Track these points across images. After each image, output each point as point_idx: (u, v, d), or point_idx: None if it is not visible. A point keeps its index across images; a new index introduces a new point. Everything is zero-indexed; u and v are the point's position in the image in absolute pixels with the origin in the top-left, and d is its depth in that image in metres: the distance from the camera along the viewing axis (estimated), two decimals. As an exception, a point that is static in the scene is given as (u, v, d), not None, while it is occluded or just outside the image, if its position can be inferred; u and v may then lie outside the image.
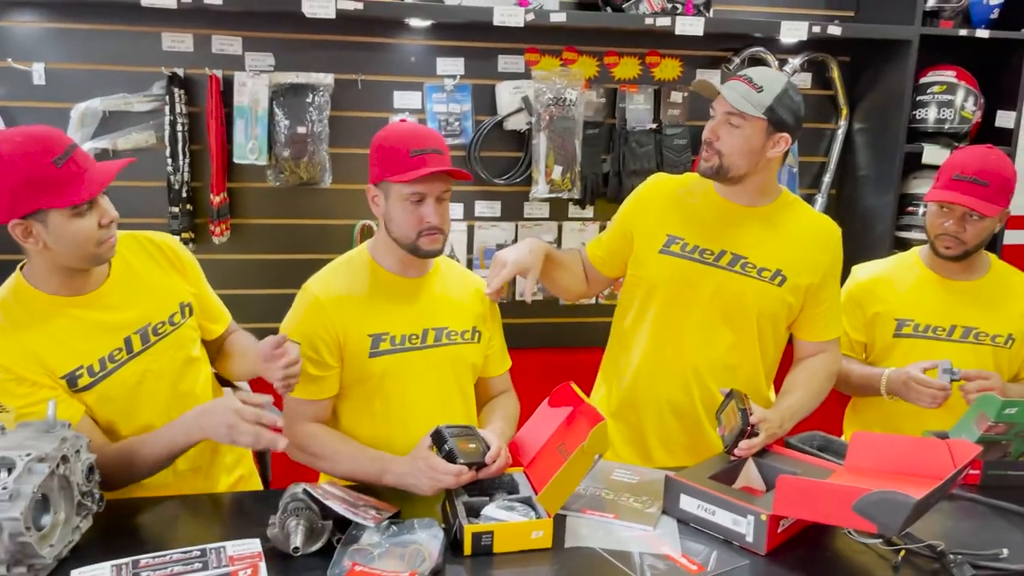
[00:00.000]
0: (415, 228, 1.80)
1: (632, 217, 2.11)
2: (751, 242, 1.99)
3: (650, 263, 2.06)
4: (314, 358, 1.82)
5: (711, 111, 1.95)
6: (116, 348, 1.73)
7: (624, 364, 2.16)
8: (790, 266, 1.99)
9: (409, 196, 1.78)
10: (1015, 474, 2.03)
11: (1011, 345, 2.23)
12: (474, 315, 1.98)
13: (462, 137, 2.81)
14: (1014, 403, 1.90)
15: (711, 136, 1.94)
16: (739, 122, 1.88)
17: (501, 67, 2.82)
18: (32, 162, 1.55)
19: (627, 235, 2.11)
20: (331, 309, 1.81)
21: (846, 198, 3.11)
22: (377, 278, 1.87)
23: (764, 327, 2.04)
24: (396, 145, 1.77)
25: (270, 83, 2.63)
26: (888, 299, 2.27)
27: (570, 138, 2.78)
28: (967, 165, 2.12)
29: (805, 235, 2.03)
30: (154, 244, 1.86)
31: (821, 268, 2.02)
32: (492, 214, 2.91)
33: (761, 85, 1.89)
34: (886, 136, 2.90)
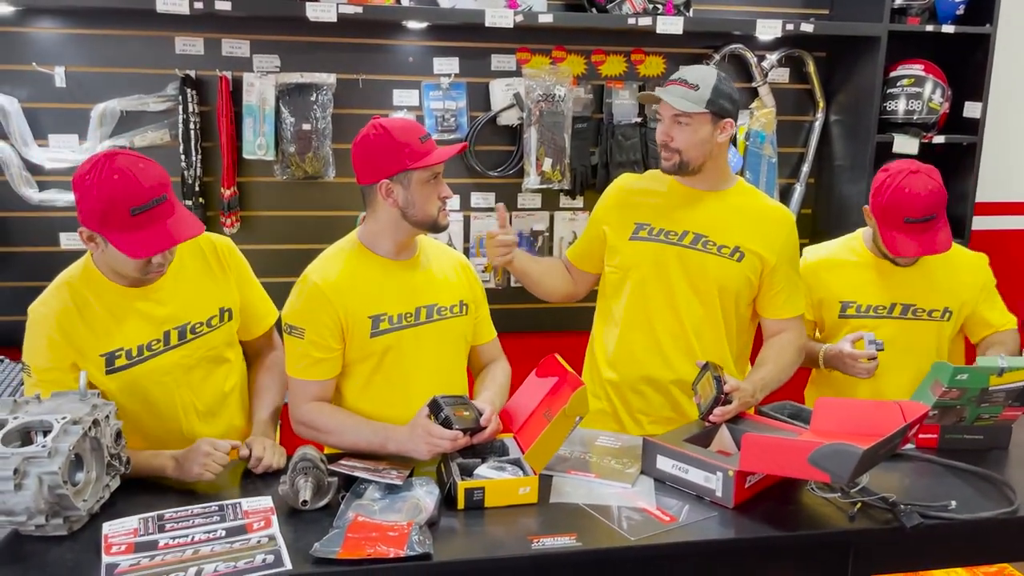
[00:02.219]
0: (436, 205, 1.96)
1: (603, 215, 2.29)
2: (710, 222, 2.17)
3: (623, 251, 2.24)
4: (318, 342, 1.94)
5: (657, 117, 2.15)
6: (155, 339, 1.89)
7: (605, 343, 2.32)
8: (747, 244, 2.16)
9: (429, 178, 1.94)
10: (970, 438, 2.16)
11: (949, 318, 2.37)
12: (460, 289, 2.13)
13: (458, 132, 2.97)
14: (965, 370, 2.04)
15: (665, 138, 2.13)
16: (687, 120, 2.07)
17: (494, 66, 2.98)
18: (112, 199, 1.72)
19: (600, 233, 2.29)
20: (332, 294, 1.93)
21: (823, 186, 3.26)
22: (371, 263, 1.99)
23: (727, 302, 2.20)
24: (405, 138, 1.91)
25: (276, 83, 2.79)
26: (831, 283, 2.40)
27: (560, 132, 2.93)
28: (914, 206, 2.20)
29: (760, 217, 2.20)
30: (211, 245, 2.01)
31: (776, 247, 2.18)
32: (487, 205, 3.06)
33: (696, 83, 2.08)
34: (859, 127, 3.05)
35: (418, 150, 1.91)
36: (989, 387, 2.07)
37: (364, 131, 1.96)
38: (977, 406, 2.12)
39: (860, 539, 1.73)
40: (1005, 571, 2.11)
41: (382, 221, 1.98)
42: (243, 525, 1.62)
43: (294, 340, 1.96)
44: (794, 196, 3.24)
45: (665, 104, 2.11)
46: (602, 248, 2.30)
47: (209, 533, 1.59)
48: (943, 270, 2.34)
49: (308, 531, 1.62)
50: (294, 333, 1.95)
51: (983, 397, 2.10)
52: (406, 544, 1.54)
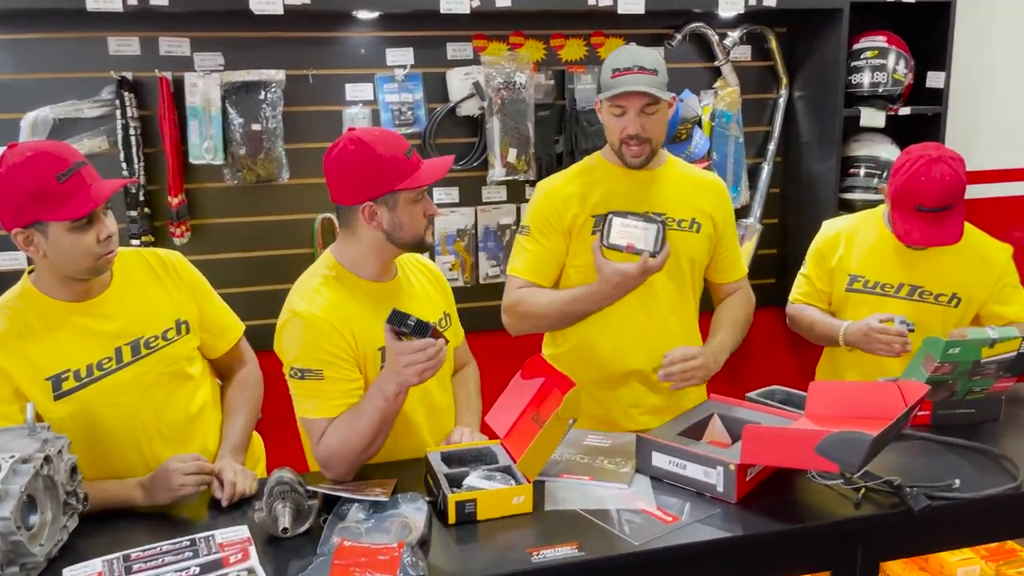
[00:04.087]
0: (423, 224, 1.83)
1: (552, 218, 2.17)
2: (664, 200, 2.16)
3: (585, 249, 2.15)
4: (340, 377, 1.78)
5: (612, 109, 2.06)
6: (106, 357, 1.74)
7: (580, 341, 2.23)
8: (698, 213, 2.18)
9: (417, 197, 1.81)
10: (962, 412, 2.14)
11: (957, 304, 2.33)
12: (440, 300, 2.03)
13: (416, 126, 2.85)
14: (956, 343, 2.00)
15: (638, 131, 2.05)
16: (655, 108, 2.04)
17: (450, 54, 2.86)
18: (37, 176, 1.60)
19: (554, 244, 2.17)
20: (338, 324, 1.78)
21: (791, 164, 3.22)
22: (360, 289, 1.86)
23: (696, 275, 2.22)
24: (390, 153, 1.75)
25: (221, 82, 2.63)
26: (844, 255, 2.39)
27: (523, 121, 2.83)
28: (928, 195, 2.16)
29: (701, 186, 2.23)
30: (159, 259, 1.88)
31: (720, 212, 2.22)
32: (451, 200, 2.95)
33: (653, 67, 2.04)
34: (825, 102, 3.01)
35: (404, 168, 1.77)
36: (981, 359, 2.05)
37: (341, 146, 1.78)
38: (969, 379, 2.10)
39: (868, 526, 1.68)
40: (1005, 546, 2.08)
41: (364, 244, 1.84)
42: (219, 559, 1.49)
43: (311, 384, 1.78)
44: (762, 175, 3.19)
45: (633, 97, 2.03)
46: (562, 257, 2.20)
47: (182, 571, 1.46)
48: (959, 256, 2.30)
49: (290, 561, 1.51)
50: (309, 376, 1.77)
51: (975, 370, 2.07)
52: (398, 568, 1.43)
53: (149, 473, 1.73)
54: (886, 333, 2.22)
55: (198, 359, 1.92)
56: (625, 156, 2.11)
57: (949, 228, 2.21)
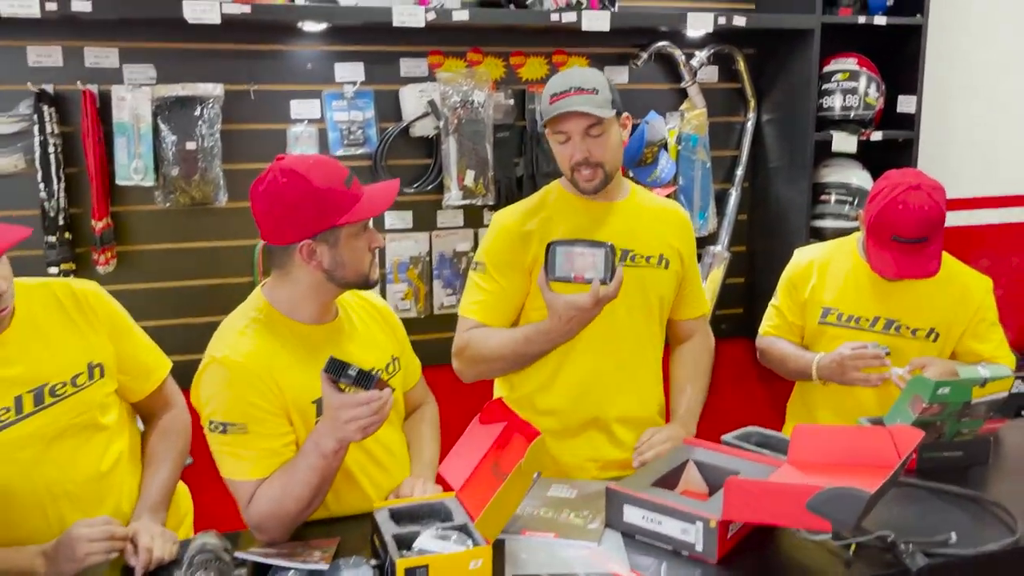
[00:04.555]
0: (367, 259, 1.66)
1: (508, 254, 1.98)
2: (633, 235, 2.00)
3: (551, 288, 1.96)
4: (266, 432, 1.58)
5: (556, 136, 1.91)
6: (3, 407, 1.53)
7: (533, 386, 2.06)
8: (665, 248, 2.04)
9: (359, 230, 1.63)
10: (950, 455, 2.02)
11: (935, 339, 2.22)
12: (388, 341, 1.85)
13: (366, 146, 2.67)
14: (946, 383, 1.88)
15: (585, 155, 1.89)
16: (599, 130, 1.88)
17: (404, 71, 2.69)
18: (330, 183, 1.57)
19: (513, 280, 1.99)
20: (263, 373, 1.58)
21: (760, 190, 3.11)
22: (295, 333, 1.66)
23: (663, 313, 2.08)
24: (327, 184, 1.56)
25: (153, 96, 2.42)
26: (818, 285, 2.27)
27: (480, 142, 2.67)
28: (906, 225, 2.05)
29: (665, 218, 2.08)
30: (70, 293, 1.65)
31: (685, 245, 2.08)
32: (404, 225, 2.77)
33: (593, 87, 1.88)
34: (795, 126, 2.90)
35: (344, 199, 1.58)
36: (971, 400, 1.93)
37: (270, 178, 1.57)
38: (958, 420, 1.97)
39: (862, 589, 1.52)
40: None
41: (301, 285, 1.64)
42: (126, 643, 1.28)
43: (234, 440, 1.58)
44: (730, 201, 3.07)
45: (573, 119, 1.87)
46: (520, 297, 2.01)
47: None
48: (938, 289, 2.18)
49: (212, 646, 1.30)
50: (231, 431, 1.57)
51: (964, 411, 1.95)
52: (337, 653, 1.23)
53: (53, 540, 1.50)
54: (862, 357, 2.10)
55: (114, 406, 1.70)
56: (579, 183, 1.95)
57: (926, 260, 2.09)
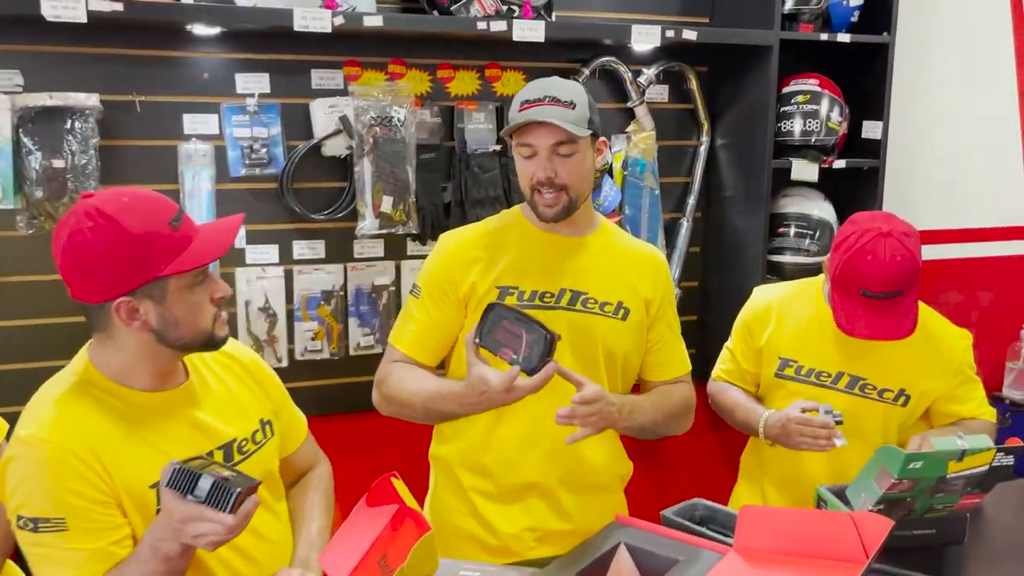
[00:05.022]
0: (210, 313, 1.38)
1: (447, 284, 1.77)
2: (587, 276, 1.78)
3: None
4: (87, 527, 1.29)
5: (521, 149, 1.68)
6: None
7: (464, 443, 1.82)
8: (629, 296, 1.79)
9: (195, 277, 1.34)
10: (921, 533, 1.78)
11: (905, 403, 1.96)
12: (256, 403, 1.55)
13: (272, 166, 2.36)
14: (919, 456, 1.62)
15: (550, 175, 1.66)
16: (570, 149, 1.66)
17: (316, 82, 2.39)
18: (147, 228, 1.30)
19: (446, 311, 1.77)
20: (84, 453, 1.29)
21: (713, 221, 2.85)
22: (127, 403, 1.36)
23: (619, 370, 1.80)
24: (145, 227, 1.28)
25: (14, 106, 2.09)
26: (776, 333, 2.01)
27: (400, 164, 2.37)
28: (875, 278, 1.79)
29: (635, 261, 1.84)
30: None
31: (658, 295, 1.84)
32: (315, 256, 2.46)
33: (570, 100, 1.65)
34: (752, 152, 2.65)
35: (171, 245, 1.30)
36: (947, 475, 1.67)
37: (73, 223, 1.29)
38: (931, 496, 1.72)
39: None
40: None
41: (127, 351, 1.35)
42: None
43: (49, 538, 1.27)
44: (680, 232, 2.81)
45: (543, 130, 1.63)
46: (454, 331, 1.78)
47: None
48: (911, 347, 1.91)
49: None
50: (45, 528, 1.26)
51: (939, 486, 1.69)
52: None
53: None
54: (808, 425, 1.85)
55: None
56: (537, 206, 1.71)
57: (900, 318, 1.83)
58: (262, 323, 2.41)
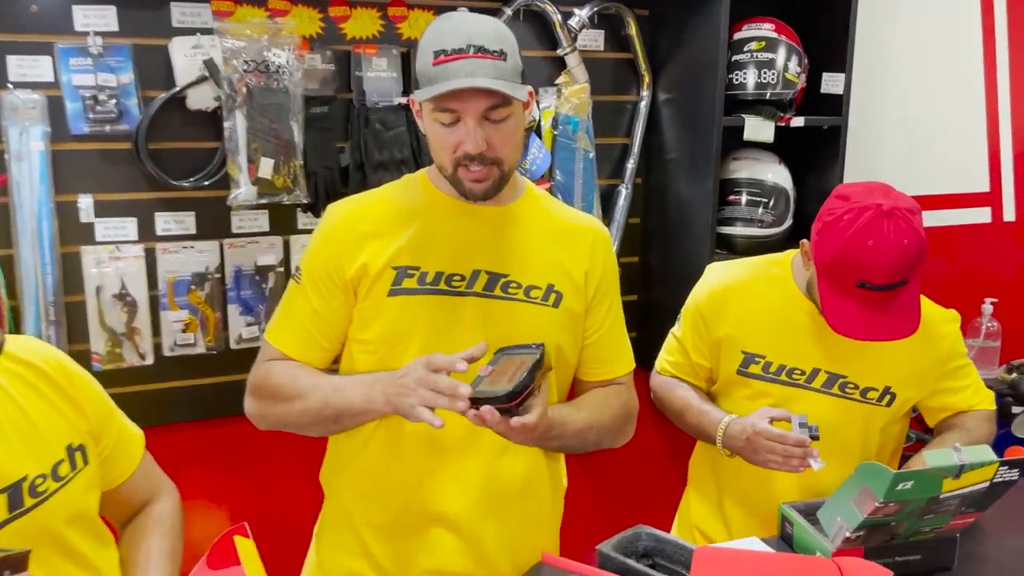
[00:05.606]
0: None
1: (331, 265, 1.41)
2: (509, 254, 1.43)
3: (383, 315, 1.39)
4: None
5: (439, 115, 1.31)
6: None
7: (354, 466, 1.48)
8: (562, 278, 1.45)
9: None
10: (904, 559, 1.50)
11: (890, 403, 1.66)
12: (61, 429, 1.19)
13: (124, 122, 1.93)
14: (908, 475, 1.32)
15: (481, 149, 1.30)
16: (504, 112, 1.31)
17: (176, 19, 1.96)
18: None
19: (331, 299, 1.42)
20: None
21: (655, 187, 2.51)
22: None
23: (557, 364, 1.45)
24: None
25: None
26: (738, 323, 1.68)
27: (283, 119, 1.97)
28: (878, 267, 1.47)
29: (570, 236, 1.48)
30: None
31: (596, 276, 1.48)
32: (182, 231, 2.04)
33: (500, 48, 1.28)
34: (699, 108, 2.31)
35: None
36: (940, 495, 1.37)
37: None
38: (919, 519, 1.42)
39: None
40: None
41: None
42: None
43: None
44: (619, 201, 2.47)
45: (470, 95, 1.27)
46: (341, 323, 1.43)
47: None
48: None
49: None
50: None
51: (929, 507, 1.40)
52: None
53: None
54: (781, 442, 1.53)
55: None
56: (463, 183, 1.34)
57: (903, 314, 1.52)
58: (119, 313, 1.99)
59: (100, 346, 1.99)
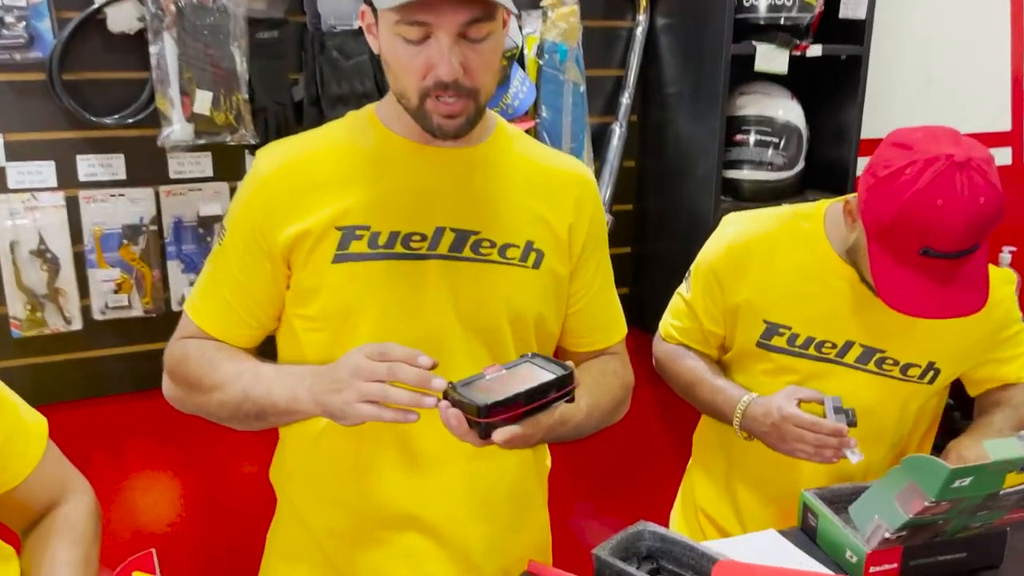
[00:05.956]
0: None
1: (259, 224, 1.16)
2: (478, 207, 1.19)
3: (326, 284, 1.15)
4: None
5: (405, 29, 1.06)
6: None
7: (297, 458, 1.27)
8: (543, 236, 1.22)
9: None
10: (946, 559, 1.31)
11: (933, 379, 1.44)
12: None
13: (35, 48, 1.64)
14: (967, 471, 1.11)
15: (456, 75, 1.05)
16: (484, 29, 1.07)
17: (92, -78, 1.67)
18: None
19: (257, 265, 1.18)
20: None
21: (653, 126, 2.24)
22: None
23: (538, 334, 1.24)
24: None
25: None
26: (760, 285, 1.45)
27: (222, 45, 1.68)
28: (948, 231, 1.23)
29: (551, 185, 1.24)
30: None
31: (581, 234, 1.25)
32: (111, 176, 1.77)
33: None
34: (704, 34, 2.04)
35: None
36: (1000, 490, 1.16)
37: None
38: (971, 515, 1.22)
39: None
40: None
41: None
42: None
43: None
44: (612, 141, 2.20)
45: (446, 6, 1.03)
46: (273, 296, 1.19)
47: None
48: None
49: None
50: None
51: (985, 503, 1.19)
52: None
53: None
54: (814, 430, 1.32)
55: None
56: (431, 118, 1.09)
57: (970, 284, 1.28)
58: (38, 272, 1.73)
59: (18, 310, 1.73)
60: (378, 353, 1.02)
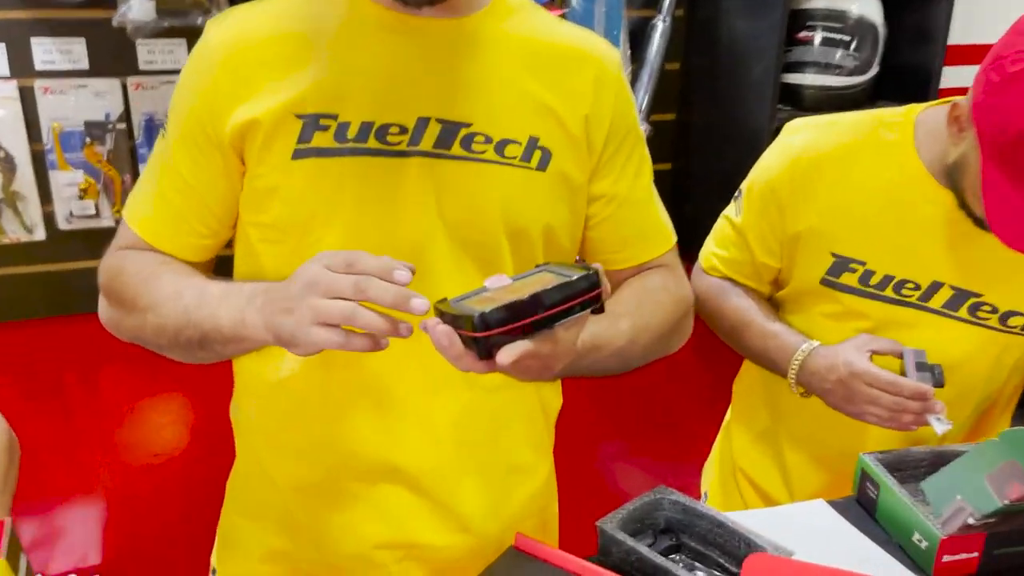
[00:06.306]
0: None
1: (208, 105, 0.95)
2: (471, 93, 0.96)
3: (282, 189, 0.95)
4: None
5: None
6: None
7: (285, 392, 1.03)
8: (548, 131, 0.97)
9: None
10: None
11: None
12: None
13: (-25, -92, 1.42)
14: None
15: None
16: None
17: None
18: None
19: (205, 157, 0.97)
20: None
21: (702, 21, 1.97)
22: None
23: (527, 253, 1.00)
24: None
25: None
26: (832, 209, 1.19)
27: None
28: None
29: (562, 66, 0.99)
30: None
31: (603, 122, 1.00)
32: (71, 65, 1.57)
33: None
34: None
35: None
36: None
37: None
38: None
39: None
40: None
41: None
42: None
43: None
44: (653, 38, 1.93)
45: None
46: (225, 195, 0.99)
47: None
48: None
49: None
50: None
51: None
52: None
53: None
54: (891, 391, 1.09)
55: None
56: None
57: None
58: (-8, 173, 1.55)
59: (-29, 215, 1.55)
60: (343, 263, 0.80)
